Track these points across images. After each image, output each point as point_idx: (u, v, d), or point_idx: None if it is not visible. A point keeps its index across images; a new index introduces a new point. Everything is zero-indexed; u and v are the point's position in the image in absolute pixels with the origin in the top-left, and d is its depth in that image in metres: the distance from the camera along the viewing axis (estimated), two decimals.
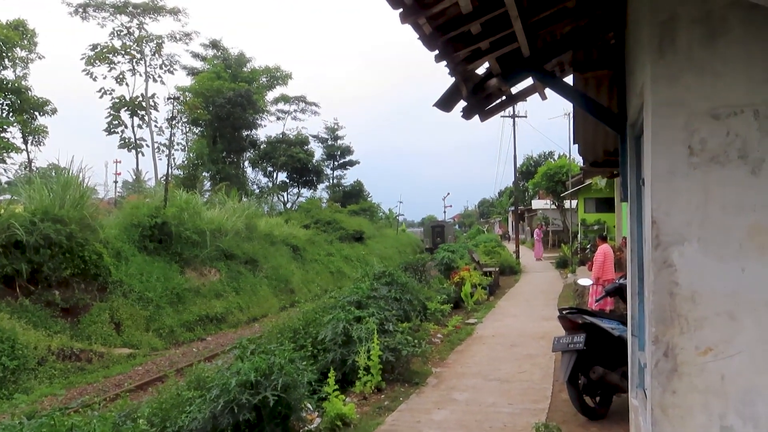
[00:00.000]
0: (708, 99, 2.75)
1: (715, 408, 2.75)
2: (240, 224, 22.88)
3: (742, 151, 2.71)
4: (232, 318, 17.91)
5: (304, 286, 24.38)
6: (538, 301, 16.82)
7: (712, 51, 2.75)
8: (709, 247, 2.75)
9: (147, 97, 36.54)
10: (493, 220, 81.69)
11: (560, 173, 35.05)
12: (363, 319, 8.92)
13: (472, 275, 17.46)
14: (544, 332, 11.56)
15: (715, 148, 2.74)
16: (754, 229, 2.70)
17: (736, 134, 2.71)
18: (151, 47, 36.83)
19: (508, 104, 5.33)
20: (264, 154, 45.88)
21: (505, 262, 26.05)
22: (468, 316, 14.41)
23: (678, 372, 2.80)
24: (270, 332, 9.32)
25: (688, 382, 2.79)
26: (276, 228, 27.37)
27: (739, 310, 2.73)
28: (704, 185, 2.76)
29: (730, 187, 2.72)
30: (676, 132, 2.79)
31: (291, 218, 33.63)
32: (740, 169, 2.71)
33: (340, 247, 32.70)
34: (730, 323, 2.74)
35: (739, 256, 2.72)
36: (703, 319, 2.77)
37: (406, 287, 12.71)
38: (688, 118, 2.77)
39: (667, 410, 2.82)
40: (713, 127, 2.74)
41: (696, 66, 2.77)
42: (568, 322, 6.77)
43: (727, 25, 2.74)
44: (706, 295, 2.77)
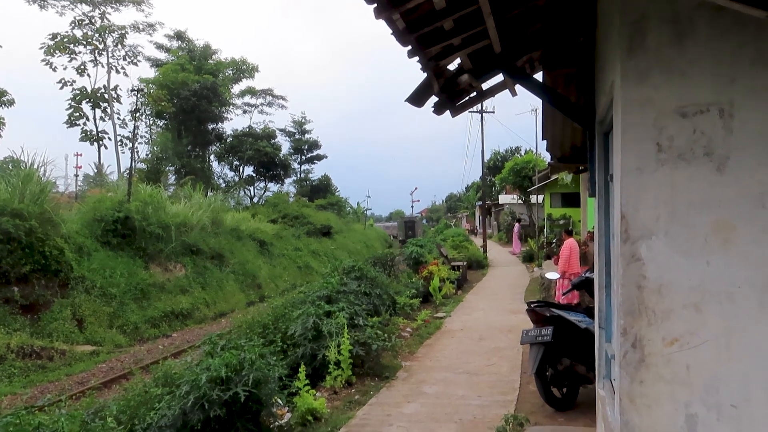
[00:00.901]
0: (676, 97, 2.83)
1: (681, 397, 2.85)
2: (206, 219, 22.61)
3: (707, 149, 2.80)
4: (198, 314, 17.70)
5: (272, 281, 24.24)
6: (506, 294, 17.05)
7: (680, 51, 2.83)
8: (676, 242, 2.84)
9: (109, 88, 35.66)
10: (461, 214, 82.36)
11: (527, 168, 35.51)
12: (333, 314, 8.92)
13: (441, 270, 17.59)
14: (511, 325, 11.73)
15: (682, 145, 2.82)
16: (718, 224, 2.79)
17: (702, 132, 2.80)
18: (113, 38, 35.92)
19: (479, 100, 5.38)
20: (230, 147, 45.33)
21: (472, 257, 26.30)
22: (437, 310, 14.53)
23: (645, 363, 2.89)
24: (239, 327, 9.25)
25: (655, 373, 2.88)
26: (243, 222, 27.13)
27: (703, 302, 2.82)
28: (671, 181, 2.84)
29: (696, 183, 2.81)
30: (645, 129, 2.86)
31: (258, 213, 33.36)
32: (706, 166, 2.80)
33: (308, 241, 32.58)
34: (696, 315, 2.83)
35: (704, 250, 2.82)
36: (670, 311, 2.86)
37: (375, 282, 12.74)
38: (656, 116, 2.85)
39: (634, 400, 2.91)
40: (680, 124, 2.83)
41: (664, 65, 2.85)
42: (535, 315, 6.90)
43: (695, 26, 2.82)
44: (673, 288, 2.86)
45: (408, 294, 14.34)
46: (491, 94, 6.06)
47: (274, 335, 8.45)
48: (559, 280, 11.46)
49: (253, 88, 47.71)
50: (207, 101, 38.94)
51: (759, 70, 2.73)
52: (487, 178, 49.60)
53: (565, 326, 6.60)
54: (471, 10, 3.74)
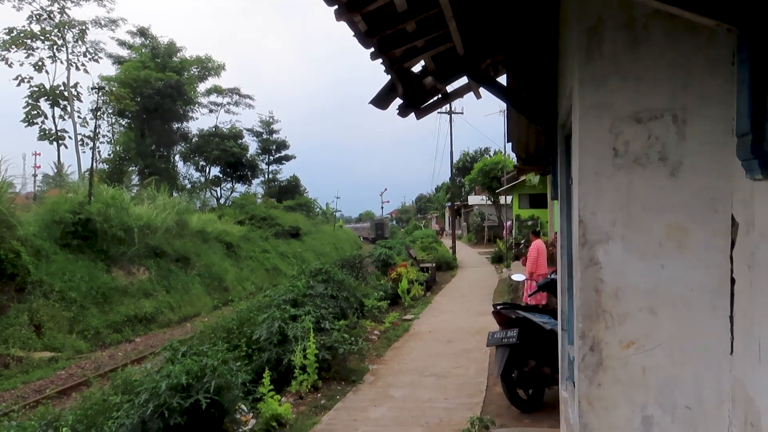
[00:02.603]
0: (631, 103, 2.88)
1: (638, 399, 2.91)
2: (170, 220, 22.29)
3: (662, 154, 2.86)
4: (162, 318, 17.43)
5: (239, 284, 24.01)
6: (474, 296, 17.19)
7: (635, 57, 2.89)
8: (632, 245, 2.90)
9: (69, 86, 34.81)
10: (431, 215, 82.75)
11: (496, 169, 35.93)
12: (299, 318, 8.89)
13: (409, 271, 17.66)
14: (479, 327, 11.83)
15: (638, 150, 2.88)
16: (672, 227, 2.86)
17: (657, 137, 2.86)
18: (73, 33, 35.11)
19: (444, 102, 5.41)
20: (196, 147, 44.72)
21: (441, 258, 26.46)
22: (405, 312, 14.57)
23: (603, 365, 2.94)
24: (203, 332, 9.16)
25: (612, 375, 2.94)
26: (209, 224, 26.83)
27: (658, 305, 2.89)
28: (628, 186, 2.89)
29: (651, 187, 2.87)
30: (602, 134, 2.91)
31: (224, 214, 33.01)
32: (660, 170, 2.86)
33: (276, 243, 32.38)
34: (651, 318, 2.89)
35: (659, 253, 2.88)
36: (626, 315, 2.92)
37: (342, 284, 12.74)
38: (613, 121, 2.90)
39: (592, 402, 2.96)
40: (636, 130, 2.88)
41: (621, 71, 2.90)
42: (501, 317, 6.97)
43: (650, 33, 2.88)
44: (629, 292, 2.91)
45: (376, 296, 14.36)
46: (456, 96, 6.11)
47: (239, 340, 8.38)
48: (527, 281, 11.60)
49: (220, 87, 47.21)
50: (171, 100, 38.35)
51: (710, 77, 2.80)
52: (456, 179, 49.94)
53: (531, 328, 6.68)
54: (434, 12, 3.76)
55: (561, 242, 4.68)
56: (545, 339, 6.53)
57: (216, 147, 44.52)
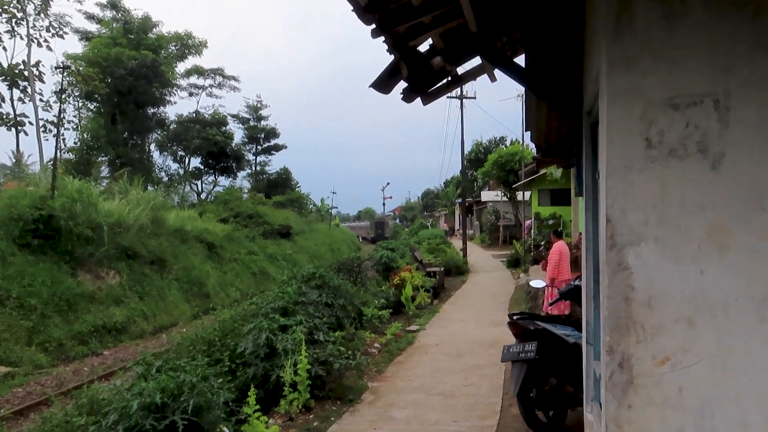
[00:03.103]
0: (666, 87, 2.86)
1: (673, 423, 2.89)
2: (145, 218, 22.31)
3: (701, 145, 2.84)
4: (134, 328, 17.45)
5: (221, 290, 24.05)
6: (488, 304, 17.19)
7: (671, 34, 2.87)
8: (667, 248, 2.88)
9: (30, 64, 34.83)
10: (439, 213, 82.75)
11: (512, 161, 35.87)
12: (289, 328, 8.90)
13: (414, 276, 17.67)
14: (493, 340, 11.83)
15: (674, 140, 2.86)
16: (713, 228, 2.84)
17: (696, 126, 2.84)
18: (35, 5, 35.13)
19: (454, 86, 5.40)
20: (174, 135, 44.77)
21: (451, 261, 26.48)
22: (409, 322, 14.59)
23: (634, 384, 2.93)
24: (180, 345, 9.16)
25: (644, 395, 2.92)
26: (188, 222, 26.87)
27: (697, 315, 2.87)
28: (662, 181, 2.88)
29: (689, 183, 2.85)
30: (633, 122, 2.90)
31: (206, 211, 33.07)
32: (700, 163, 2.84)
33: (264, 244, 32.41)
34: (689, 330, 2.88)
35: (698, 257, 2.86)
36: (661, 326, 2.90)
37: (339, 291, 12.75)
38: (645, 108, 2.88)
39: (622, 426, 2.95)
40: (672, 117, 2.87)
41: (655, 50, 2.88)
42: (518, 328, 6.97)
43: (688, 7, 2.85)
44: (664, 300, 2.89)
45: (376, 304, 14.37)
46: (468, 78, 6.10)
47: (221, 353, 8.38)
48: (547, 288, 11.59)
49: (201, 68, 47.21)
50: (146, 81, 38.37)
51: (757, 57, 2.78)
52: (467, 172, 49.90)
53: (552, 341, 6.68)
54: None
55: (586, 244, 4.67)
56: (568, 354, 6.52)
57: (197, 135, 44.56)
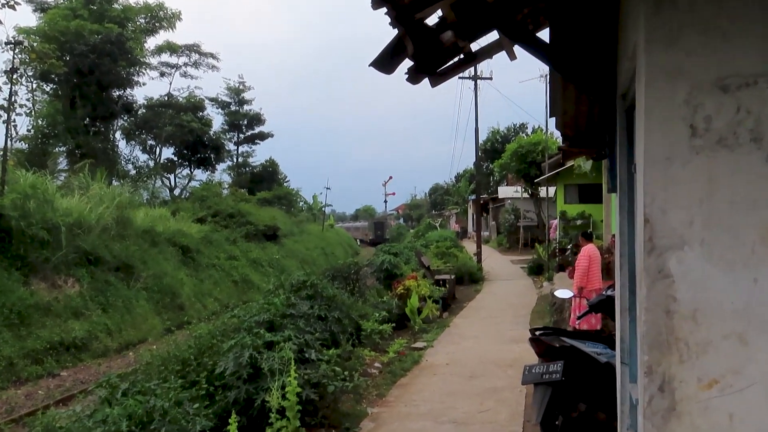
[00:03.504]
0: (715, 66, 2.83)
1: None
2: (109, 217, 22.30)
3: (755, 132, 2.81)
4: (97, 345, 17.45)
5: (198, 301, 24.07)
6: (506, 317, 17.19)
7: (720, 4, 2.84)
8: (715, 253, 2.85)
9: None
10: (449, 212, 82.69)
11: (534, 152, 35.84)
12: (276, 345, 8.89)
13: (421, 285, 17.68)
14: (512, 358, 11.83)
15: (723, 127, 2.83)
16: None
17: (748, 111, 2.81)
18: None
19: (467, 65, 5.38)
20: (143, 122, 44.74)
21: (463, 268, 26.51)
22: (415, 338, 14.60)
23: (677, 411, 2.91)
24: (150, 364, 9.16)
25: (688, 424, 2.90)
26: (159, 222, 26.88)
27: (750, 331, 2.84)
28: (709, 174, 2.85)
29: (740, 176, 2.82)
30: (675, 107, 2.87)
31: (180, 209, 33.07)
32: (753, 154, 2.81)
33: (247, 247, 32.44)
34: (741, 348, 2.85)
35: (751, 263, 2.83)
36: (707, 344, 2.88)
37: (333, 302, 12.75)
38: (690, 90, 2.85)
39: None
40: (721, 101, 2.84)
41: (700, 24, 2.86)
42: (542, 345, 6.95)
43: None
44: (711, 313, 2.87)
45: (377, 318, 14.36)
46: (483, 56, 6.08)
47: (198, 374, 8.39)
48: (575, 299, 11.59)
49: (174, 44, 47.12)
50: (111, 59, 38.31)
51: None
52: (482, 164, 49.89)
53: (580, 361, 6.66)
54: None
55: (620, 248, 4.66)
56: (599, 375, 6.50)
57: (169, 121, 44.54)
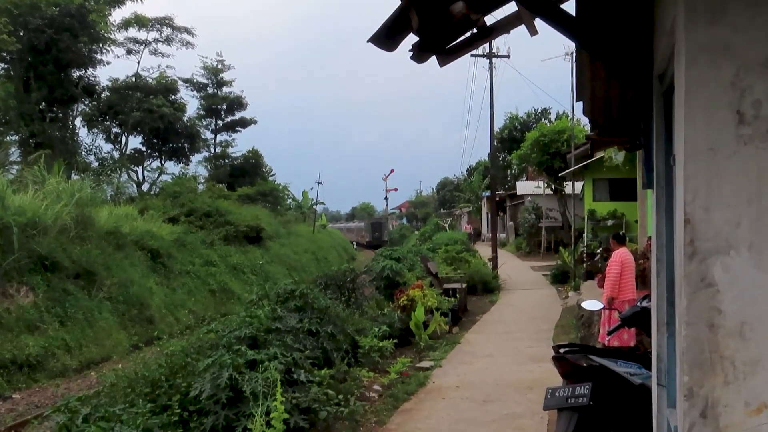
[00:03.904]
0: (765, 43, 2.83)
1: None
2: (68, 216, 22.29)
3: None
4: (54, 363, 17.45)
5: (169, 313, 24.05)
6: (525, 333, 17.17)
7: None
8: (765, 258, 2.85)
9: None
10: (460, 210, 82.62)
11: (558, 141, 35.73)
12: (260, 365, 8.90)
13: (427, 295, 17.65)
14: (533, 380, 11.82)
15: None
16: None
17: None
18: None
19: (481, 41, 5.37)
20: (107, 106, 44.76)
21: (476, 275, 26.46)
22: (420, 357, 14.58)
23: None
24: (115, 386, 9.16)
25: None
26: (125, 222, 26.86)
27: None
28: (759, 168, 2.84)
29: None
30: (720, 90, 2.87)
31: (149, 207, 33.03)
32: None
33: (226, 251, 32.44)
34: None
35: None
36: (757, 363, 2.88)
37: (326, 314, 12.75)
38: (736, 71, 2.85)
39: None
40: None
41: None
42: (566, 365, 6.95)
43: None
44: (761, 328, 2.86)
45: (376, 333, 14.34)
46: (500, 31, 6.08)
47: (169, 397, 8.39)
48: (604, 311, 11.59)
49: (143, 17, 47.08)
50: (70, 35, 38.32)
51: None
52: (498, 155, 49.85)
53: (611, 382, 6.66)
54: None
55: (657, 253, 4.66)
56: (632, 399, 6.51)
57: (137, 106, 44.55)
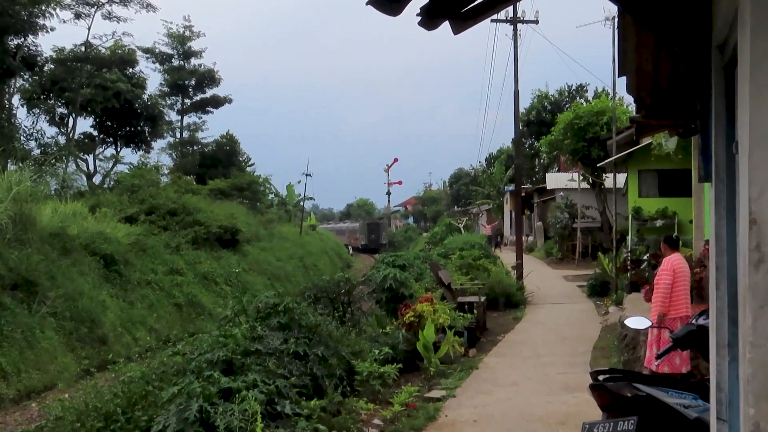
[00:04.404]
0: None
1: None
2: (4, 214, 22.31)
3: None
4: None
5: (126, 332, 24.02)
6: (557, 356, 17.15)
7: None
8: None
9: None
10: (477, 208, 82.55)
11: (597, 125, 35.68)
12: (236, 395, 8.90)
13: (438, 310, 17.61)
14: (565, 414, 11.81)
15: None
16: None
17: None
18: None
19: (503, 3, 5.40)
20: (50, 82, 44.78)
21: (497, 286, 26.37)
22: (430, 385, 14.54)
23: None
24: (61, 419, 9.17)
25: None
26: (73, 222, 26.83)
27: None
28: None
29: None
30: None
31: (102, 204, 33.01)
32: None
33: (195, 257, 32.41)
34: None
35: None
36: None
37: (316, 333, 12.73)
38: None
39: None
40: None
41: None
42: (607, 395, 6.96)
43: None
44: None
45: (377, 356, 14.32)
46: None
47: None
48: (652, 330, 11.58)
49: None
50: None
51: None
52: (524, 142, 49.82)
53: (661, 416, 6.67)
54: None
55: (717, 259, 4.66)
56: None
57: (87, 81, 44.52)
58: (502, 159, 67.42)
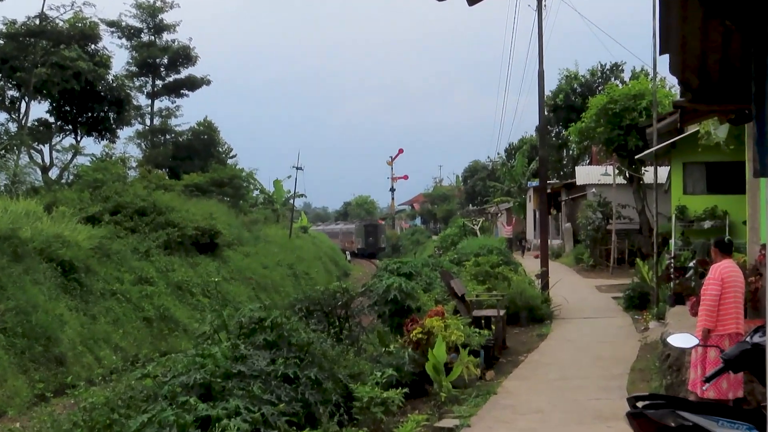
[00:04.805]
0: None
1: None
2: None
3: None
4: None
5: (88, 351, 24.03)
6: (589, 379, 17.14)
7: None
8: None
9: None
10: (495, 207, 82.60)
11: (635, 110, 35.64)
12: (216, 423, 8.92)
13: (450, 326, 17.63)
14: None
15: None
16: None
17: None
18: None
19: None
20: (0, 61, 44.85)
21: (519, 298, 26.37)
22: (441, 412, 14.55)
23: None
24: None
25: None
26: (26, 223, 26.85)
27: None
28: None
29: None
30: None
31: (60, 202, 33.05)
32: None
33: (168, 264, 32.45)
34: None
35: None
36: None
37: (308, 353, 12.74)
38: None
39: None
40: None
41: None
42: (648, 425, 6.96)
43: None
44: None
45: (380, 379, 14.34)
46: None
47: None
48: (696, 349, 11.57)
49: None
50: None
51: None
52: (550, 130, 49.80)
53: None
54: None
55: None
56: None
57: (42, 60, 44.58)
58: (525, 150, 67.53)
